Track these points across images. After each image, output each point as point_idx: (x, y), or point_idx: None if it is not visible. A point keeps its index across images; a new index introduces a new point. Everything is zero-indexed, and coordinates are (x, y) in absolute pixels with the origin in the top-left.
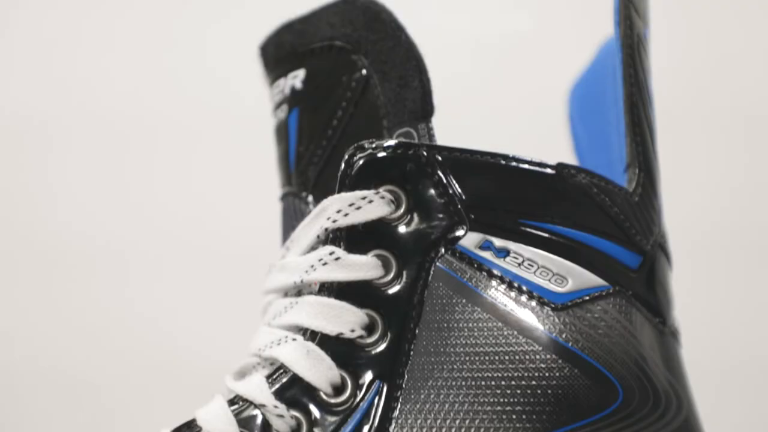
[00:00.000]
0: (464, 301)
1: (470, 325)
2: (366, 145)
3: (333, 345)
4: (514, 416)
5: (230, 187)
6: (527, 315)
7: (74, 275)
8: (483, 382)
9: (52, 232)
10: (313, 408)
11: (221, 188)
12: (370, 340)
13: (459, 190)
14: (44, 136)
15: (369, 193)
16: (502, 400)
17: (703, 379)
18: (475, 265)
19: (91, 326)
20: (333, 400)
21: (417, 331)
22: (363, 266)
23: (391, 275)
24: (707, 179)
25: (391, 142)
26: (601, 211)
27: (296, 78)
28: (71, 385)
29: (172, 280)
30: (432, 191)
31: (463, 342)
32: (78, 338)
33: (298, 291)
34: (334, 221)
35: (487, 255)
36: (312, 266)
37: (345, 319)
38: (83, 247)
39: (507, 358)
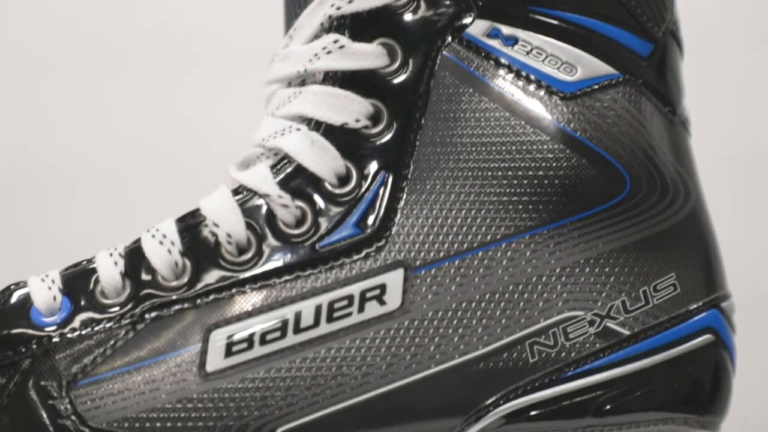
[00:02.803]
0: (471, 90)
1: (477, 115)
2: None
3: (338, 135)
4: (520, 206)
5: None
6: (535, 104)
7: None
8: (489, 173)
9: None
10: (317, 198)
11: None
12: (375, 131)
13: None
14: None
15: None
16: (508, 190)
17: (711, 168)
18: (483, 54)
19: (95, 119)
20: (338, 191)
21: (423, 121)
22: (368, 55)
23: (397, 64)
24: None
25: None
26: None
27: None
28: (76, 179)
29: (176, 69)
30: None
31: (470, 132)
32: (81, 132)
33: (302, 81)
34: (339, 8)
35: (494, 43)
36: (316, 55)
37: (350, 109)
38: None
39: (514, 148)
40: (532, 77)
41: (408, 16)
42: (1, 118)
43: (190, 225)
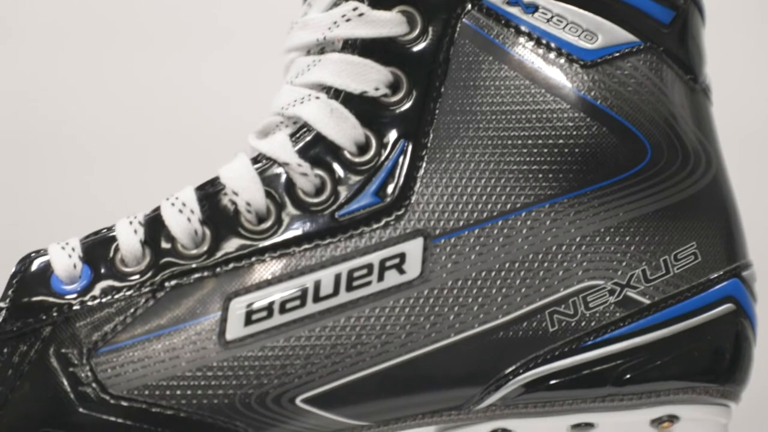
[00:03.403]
0: (491, 58)
1: (497, 83)
2: None
3: (357, 103)
4: (540, 175)
5: None
6: (555, 72)
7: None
8: (509, 141)
9: None
10: (337, 167)
11: None
12: (394, 99)
13: None
14: None
15: None
16: (528, 159)
17: (732, 136)
18: (503, 21)
19: (115, 88)
20: (357, 159)
21: (442, 89)
22: (387, 22)
23: (416, 32)
24: None
25: None
26: None
27: None
28: (95, 147)
29: (195, 40)
30: None
31: (490, 100)
32: (103, 101)
33: (321, 49)
34: None
35: (514, 11)
36: (335, 23)
37: (369, 77)
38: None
39: (534, 116)
40: (553, 45)
41: None
42: (27, 88)
43: (210, 193)
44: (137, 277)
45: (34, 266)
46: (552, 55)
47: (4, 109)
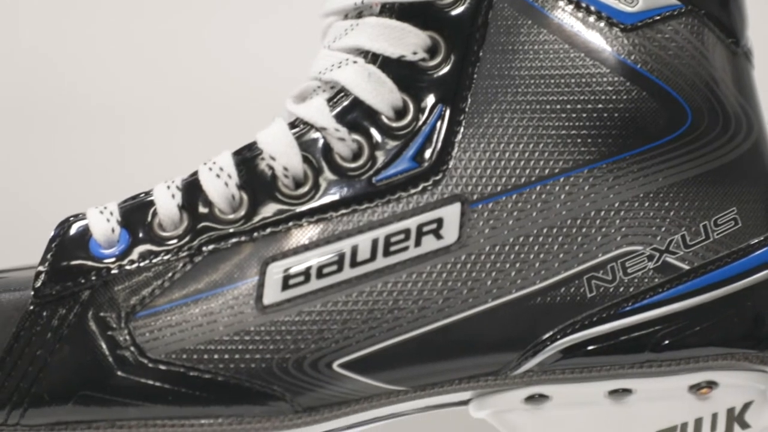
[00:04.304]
0: (530, 22)
1: (536, 47)
2: None
3: (394, 68)
4: (579, 140)
5: None
6: (595, 36)
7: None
8: (548, 106)
9: None
10: (374, 132)
11: None
12: (432, 63)
13: None
14: None
15: None
16: (567, 124)
17: None
18: None
19: (150, 52)
20: (395, 124)
21: (481, 53)
22: None
23: None
24: None
25: None
26: None
27: None
28: (135, 111)
29: (232, 4)
30: None
31: (528, 65)
32: (145, 65)
33: (359, 13)
34: None
35: None
36: None
37: (407, 41)
38: None
39: (573, 81)
40: (592, 8)
41: None
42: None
43: (247, 158)
44: (175, 241)
45: (73, 230)
46: (592, 19)
47: (40, 74)
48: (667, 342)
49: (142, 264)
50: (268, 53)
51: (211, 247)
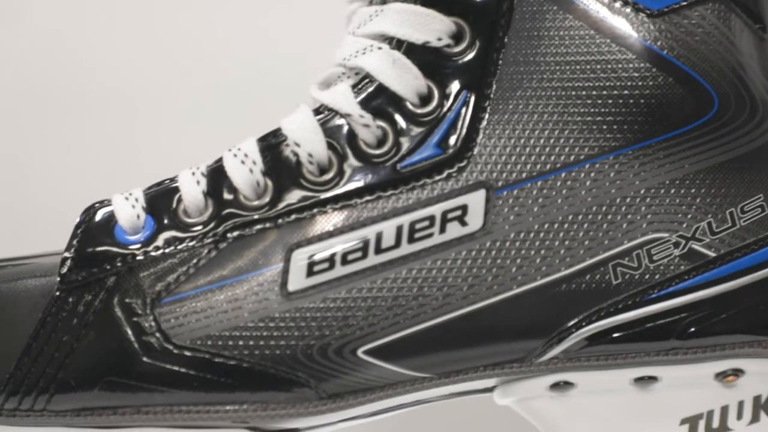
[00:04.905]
0: (555, 8)
1: (561, 33)
2: None
3: (419, 54)
4: (605, 126)
5: None
6: (621, 22)
7: None
8: (573, 92)
9: None
10: (399, 118)
11: None
12: (457, 49)
13: None
14: None
15: None
16: (593, 110)
17: None
18: None
19: (173, 37)
20: (419, 110)
21: (506, 39)
22: None
23: None
24: None
25: None
26: None
27: None
28: (157, 98)
29: None
30: None
31: (554, 51)
32: (167, 52)
33: None
34: None
35: None
36: None
37: (432, 27)
38: None
39: (599, 67)
40: None
41: None
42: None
43: (272, 144)
44: (200, 228)
45: (98, 216)
46: (618, 5)
47: (61, 63)
48: (693, 329)
49: (167, 250)
50: (291, 39)
51: (236, 233)
